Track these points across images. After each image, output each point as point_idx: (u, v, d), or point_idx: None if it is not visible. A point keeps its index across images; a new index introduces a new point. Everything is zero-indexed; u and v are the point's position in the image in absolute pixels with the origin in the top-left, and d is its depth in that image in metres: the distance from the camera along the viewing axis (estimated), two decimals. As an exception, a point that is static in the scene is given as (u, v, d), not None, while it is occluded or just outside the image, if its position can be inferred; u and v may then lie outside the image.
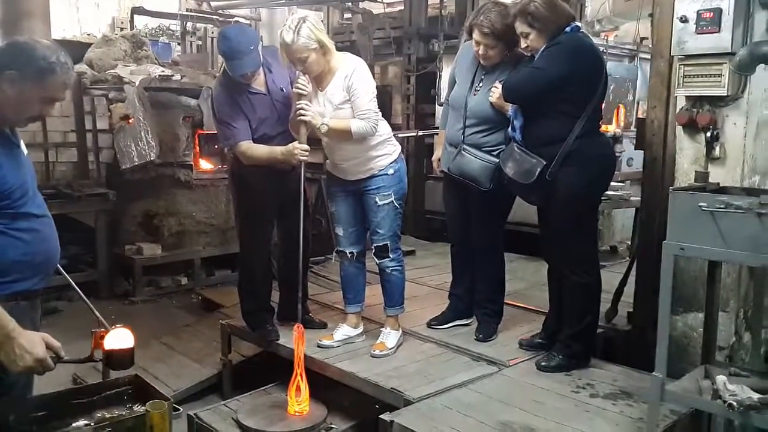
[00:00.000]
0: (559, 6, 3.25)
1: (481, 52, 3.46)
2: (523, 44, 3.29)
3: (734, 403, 2.37)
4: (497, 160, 3.44)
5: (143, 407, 2.45)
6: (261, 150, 3.54)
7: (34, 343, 2.10)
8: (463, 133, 3.55)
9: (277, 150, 3.47)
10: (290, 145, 3.40)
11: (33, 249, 2.28)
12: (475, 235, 3.73)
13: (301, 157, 3.37)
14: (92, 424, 2.41)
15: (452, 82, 3.74)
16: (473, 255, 3.81)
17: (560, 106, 3.20)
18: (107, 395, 2.70)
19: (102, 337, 2.46)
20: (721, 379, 2.55)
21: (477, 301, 3.86)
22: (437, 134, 4.15)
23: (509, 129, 3.40)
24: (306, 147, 3.37)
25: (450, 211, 3.89)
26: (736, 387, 2.48)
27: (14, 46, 2.23)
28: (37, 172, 2.47)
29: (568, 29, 3.20)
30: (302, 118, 3.32)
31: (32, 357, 2.08)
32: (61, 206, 5.89)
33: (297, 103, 3.34)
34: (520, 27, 3.23)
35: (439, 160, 3.85)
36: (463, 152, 3.53)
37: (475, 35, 3.43)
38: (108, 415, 2.54)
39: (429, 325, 3.96)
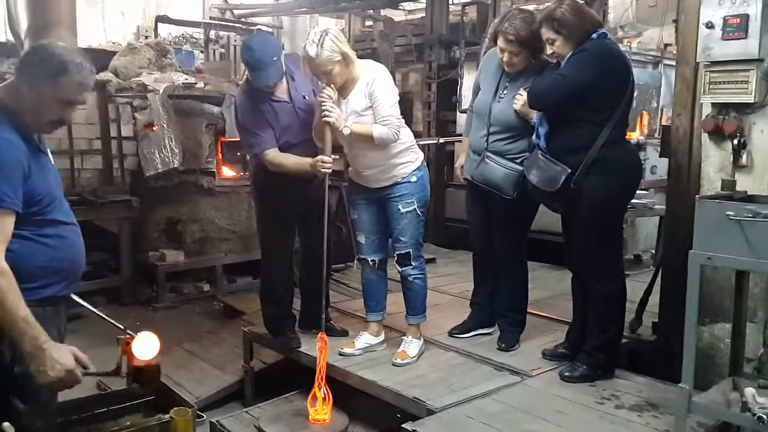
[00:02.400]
0: (586, 12, 3.23)
1: (505, 59, 3.44)
2: (548, 50, 3.26)
3: (764, 416, 2.33)
4: (521, 168, 3.41)
5: (168, 414, 2.46)
6: (289, 159, 3.56)
7: (64, 354, 2.13)
8: (487, 141, 3.54)
9: (306, 161, 3.49)
10: (315, 158, 3.42)
11: (59, 255, 2.31)
12: (498, 244, 3.70)
13: (324, 170, 3.39)
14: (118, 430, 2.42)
15: (476, 89, 3.73)
16: (495, 263, 3.79)
17: (585, 114, 3.18)
18: (132, 402, 2.72)
19: (128, 344, 2.48)
20: (749, 391, 2.51)
21: (499, 310, 3.83)
22: (460, 141, 4.13)
23: (533, 136, 3.37)
24: (328, 160, 3.38)
25: (473, 218, 3.87)
26: (766, 399, 2.44)
27: (33, 50, 2.28)
28: (62, 179, 2.50)
29: (594, 36, 3.17)
30: (327, 119, 3.33)
31: (62, 367, 2.11)
32: (86, 213, 5.96)
33: (322, 104, 3.35)
34: (546, 33, 3.21)
35: (462, 167, 3.84)
36: (487, 159, 3.52)
37: (500, 42, 3.42)
38: (133, 422, 2.56)
39: (450, 333, 3.94)
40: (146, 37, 9.46)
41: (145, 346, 2.46)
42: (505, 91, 3.53)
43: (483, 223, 3.76)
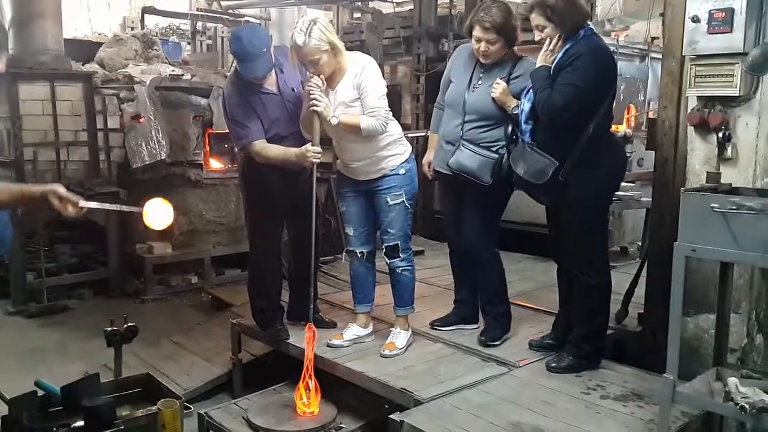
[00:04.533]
0: (578, 2, 3.23)
1: (482, 48, 3.41)
2: (536, 37, 3.24)
3: (746, 406, 2.35)
4: (497, 156, 3.40)
5: (155, 406, 2.47)
6: (275, 150, 3.55)
7: (48, 186, 2.30)
8: (462, 129, 3.50)
9: (291, 151, 3.48)
10: (303, 147, 3.41)
11: None
12: (468, 235, 3.64)
13: (314, 160, 3.38)
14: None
15: (446, 84, 3.68)
16: (472, 256, 3.81)
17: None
18: (119, 393, 2.72)
19: (114, 335, 2.49)
20: (732, 381, 2.54)
21: (481, 305, 3.81)
22: (429, 137, 4.02)
23: (519, 129, 3.37)
24: (319, 149, 3.37)
25: (446, 212, 3.86)
26: (748, 389, 2.46)
27: None
28: (48, 171, 2.53)
29: (582, 32, 3.16)
30: (315, 108, 3.32)
31: (54, 191, 2.27)
32: (73, 205, 5.93)
33: (310, 93, 3.34)
34: (537, 19, 3.19)
35: (429, 163, 3.79)
36: (462, 147, 3.47)
37: (476, 32, 3.39)
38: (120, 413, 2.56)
39: (432, 325, 3.94)
40: (132, 29, 9.39)
41: (159, 215, 2.51)
42: (479, 81, 3.50)
43: (457, 215, 3.73)
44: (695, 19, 3.09)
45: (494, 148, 3.45)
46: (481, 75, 3.52)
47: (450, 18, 7.42)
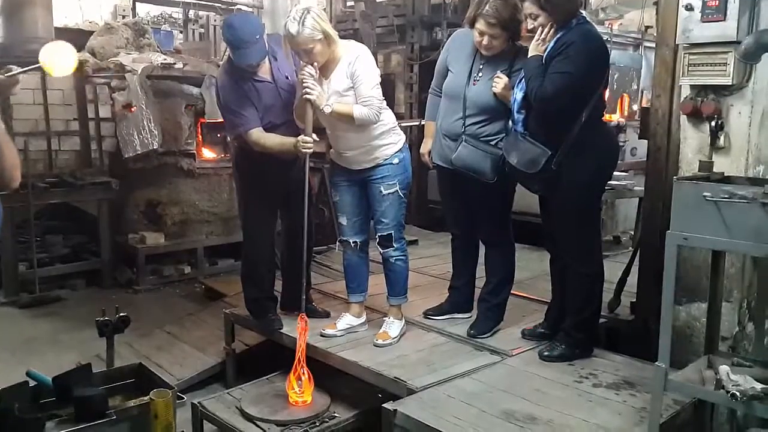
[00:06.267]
0: None
1: (484, 42, 3.38)
2: (529, 25, 3.22)
3: (737, 393, 2.36)
4: (500, 151, 3.40)
5: (148, 396, 2.47)
6: (273, 139, 3.53)
7: None
8: (464, 125, 3.48)
9: (288, 141, 3.46)
10: (298, 137, 3.39)
11: None
12: (483, 229, 3.68)
13: (305, 151, 3.37)
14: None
15: (443, 72, 3.63)
16: (475, 247, 3.80)
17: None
18: (112, 384, 2.72)
19: (106, 325, 2.48)
20: (724, 369, 2.55)
21: (482, 294, 3.80)
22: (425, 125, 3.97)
23: (512, 119, 3.35)
24: (310, 140, 3.36)
25: (449, 204, 3.85)
26: (739, 377, 2.47)
27: None
28: (40, 161, 2.48)
29: (575, 21, 3.14)
30: (308, 96, 3.31)
31: None
32: (64, 195, 5.92)
33: (303, 81, 3.32)
34: (530, 8, 3.16)
35: (429, 152, 3.76)
36: (466, 143, 3.46)
37: (480, 25, 3.35)
38: (113, 404, 2.56)
39: (426, 315, 3.94)
40: (124, 17, 9.32)
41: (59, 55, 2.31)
42: (479, 74, 3.46)
43: (460, 208, 3.75)
44: (689, 8, 3.09)
45: (493, 142, 3.43)
46: (481, 66, 3.47)
47: (444, 6, 7.40)
